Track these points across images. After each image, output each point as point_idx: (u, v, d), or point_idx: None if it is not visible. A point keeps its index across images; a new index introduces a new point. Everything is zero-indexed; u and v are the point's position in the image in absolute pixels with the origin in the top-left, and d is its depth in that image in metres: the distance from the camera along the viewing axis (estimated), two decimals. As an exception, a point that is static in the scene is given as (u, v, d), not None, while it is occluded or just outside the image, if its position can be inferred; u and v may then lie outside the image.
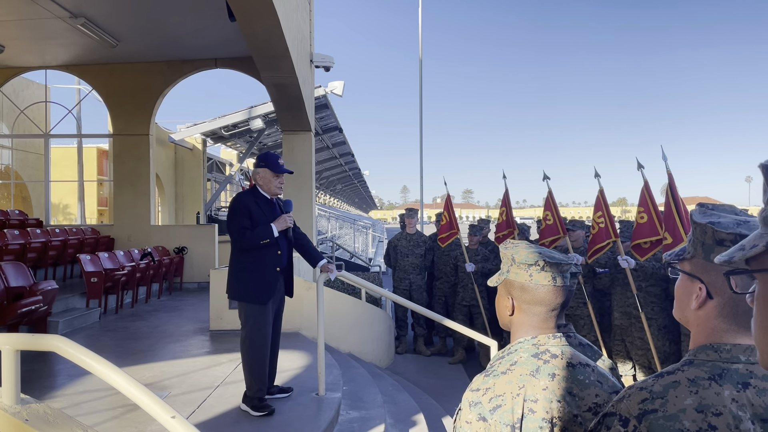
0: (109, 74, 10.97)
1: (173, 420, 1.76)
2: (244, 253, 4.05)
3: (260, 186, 4.17)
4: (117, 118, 11.07)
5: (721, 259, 0.76)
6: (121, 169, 11.03)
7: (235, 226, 4.02)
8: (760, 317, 0.73)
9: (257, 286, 4.05)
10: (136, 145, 10.98)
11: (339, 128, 17.69)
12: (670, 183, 5.30)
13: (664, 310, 5.77)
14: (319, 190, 32.70)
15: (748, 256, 0.72)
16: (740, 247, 0.74)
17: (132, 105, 10.99)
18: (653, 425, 1.02)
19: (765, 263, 0.71)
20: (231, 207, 4.14)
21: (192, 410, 4.05)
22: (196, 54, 10.63)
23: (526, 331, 1.53)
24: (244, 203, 4.08)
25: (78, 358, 1.83)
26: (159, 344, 6.07)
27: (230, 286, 4.11)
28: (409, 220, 8.48)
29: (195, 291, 10.20)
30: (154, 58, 10.81)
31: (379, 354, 7.22)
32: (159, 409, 1.78)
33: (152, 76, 10.99)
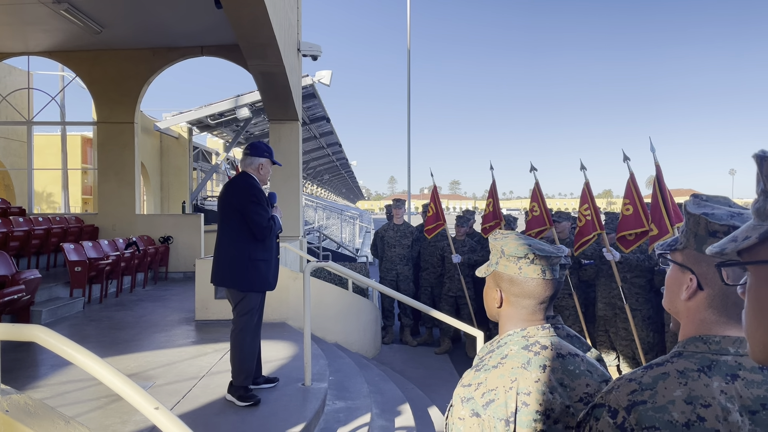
0: (93, 61, 10.81)
1: (157, 411, 1.73)
2: (257, 242, 4.01)
3: (259, 175, 4.14)
4: (101, 106, 10.92)
5: (713, 250, 0.75)
6: (105, 158, 10.90)
7: (263, 215, 3.97)
8: (751, 309, 0.73)
9: (267, 274, 4.07)
10: (121, 134, 10.85)
11: (326, 118, 17.60)
12: (658, 174, 5.32)
13: (648, 302, 5.82)
14: (306, 180, 32.59)
15: (740, 247, 0.71)
16: (732, 238, 0.73)
17: (116, 92, 10.84)
18: (642, 416, 1.02)
19: (757, 255, 0.70)
20: (253, 195, 3.98)
21: (177, 400, 4.02)
22: (181, 41, 10.50)
23: (514, 323, 1.52)
24: (262, 192, 4.07)
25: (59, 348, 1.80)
26: (144, 334, 6.03)
27: (234, 277, 4.01)
28: (396, 210, 8.47)
29: (180, 281, 10.13)
30: (139, 45, 10.66)
31: (366, 344, 7.22)
32: (142, 399, 1.75)
33: (137, 64, 10.84)
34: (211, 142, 21.94)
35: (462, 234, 7.99)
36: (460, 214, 8.32)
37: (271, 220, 4.00)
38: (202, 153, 20.14)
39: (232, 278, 4.02)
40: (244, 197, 3.98)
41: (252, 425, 3.65)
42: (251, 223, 3.95)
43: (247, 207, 3.95)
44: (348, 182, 54.26)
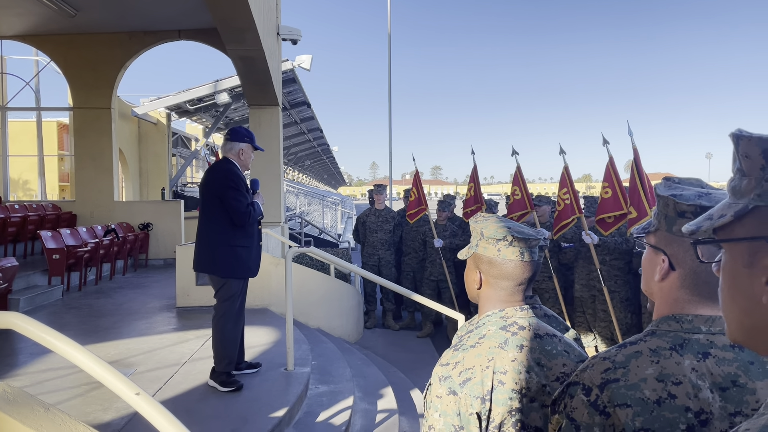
0: (68, 45, 10.58)
1: (137, 397, 1.73)
2: (238, 229, 3.99)
3: (240, 161, 4.10)
4: (77, 91, 10.72)
5: (689, 228, 0.76)
6: (82, 144, 10.72)
7: (242, 201, 3.94)
8: (726, 287, 0.74)
9: (248, 261, 4.05)
10: (98, 119, 10.66)
11: (307, 103, 17.48)
12: (636, 158, 5.38)
13: (626, 283, 5.90)
14: (287, 166, 32.41)
15: (715, 225, 0.72)
16: (708, 216, 0.74)
17: (92, 77, 10.63)
18: (614, 394, 1.04)
19: (732, 233, 0.71)
20: (231, 181, 3.95)
21: (158, 387, 4.01)
22: (158, 25, 10.32)
23: (493, 304, 1.54)
24: (242, 178, 4.03)
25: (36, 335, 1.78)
26: (124, 321, 5.98)
27: (214, 263, 4.00)
28: (378, 196, 8.48)
29: (161, 268, 10.05)
30: (115, 29, 10.46)
31: (348, 329, 7.25)
32: (123, 386, 1.75)
33: (113, 48, 10.64)
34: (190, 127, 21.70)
35: (443, 218, 8.02)
36: (441, 199, 8.36)
37: (250, 206, 3.97)
38: (182, 139, 19.92)
39: (212, 264, 4.01)
40: (222, 183, 3.96)
41: (235, 410, 3.65)
42: (229, 209, 3.92)
43: (225, 193, 3.92)
44: (329, 168, 54.08)
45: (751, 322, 0.71)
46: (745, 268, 0.70)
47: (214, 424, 3.46)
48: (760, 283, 0.68)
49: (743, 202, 0.69)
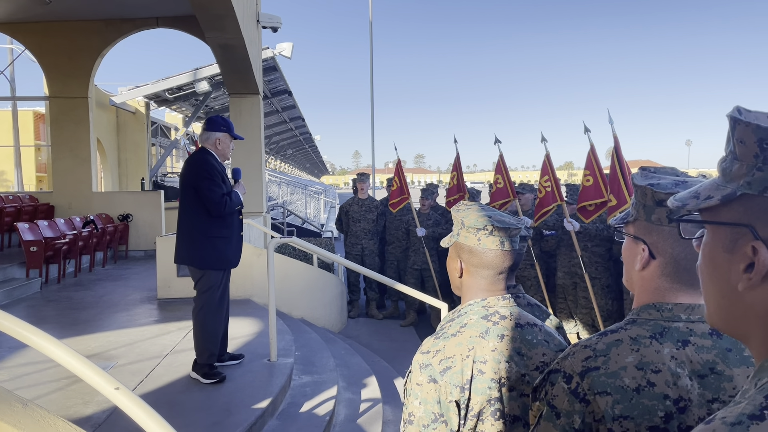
0: (43, 33, 10.36)
1: (117, 391, 1.70)
2: (215, 219, 3.94)
3: (217, 150, 4.05)
4: (53, 80, 10.51)
5: (674, 203, 0.76)
6: (59, 134, 10.53)
7: (216, 191, 3.88)
8: (705, 267, 0.74)
9: (227, 251, 4.00)
10: (75, 109, 10.48)
11: (288, 91, 17.34)
12: (616, 146, 5.42)
13: (607, 270, 5.96)
14: (269, 155, 32.20)
15: (701, 206, 0.72)
16: (695, 194, 0.74)
17: (69, 66, 10.44)
18: (595, 382, 1.04)
19: (717, 216, 0.71)
20: (205, 171, 3.91)
21: (140, 380, 3.98)
22: (136, 12, 10.14)
23: (475, 293, 1.54)
24: (217, 168, 3.97)
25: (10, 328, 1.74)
26: (104, 314, 5.92)
27: (191, 255, 3.97)
28: (361, 185, 8.45)
29: (141, 259, 9.94)
30: (91, 16, 10.25)
31: (332, 319, 7.24)
32: (101, 380, 1.72)
33: (89, 36, 10.44)
34: (169, 116, 21.43)
35: (427, 207, 8.03)
36: (424, 187, 8.36)
37: (225, 196, 3.90)
38: (161, 128, 19.68)
39: (190, 256, 3.97)
40: (196, 173, 3.93)
41: (217, 402, 3.63)
42: (204, 200, 3.89)
43: (199, 183, 3.89)
44: (312, 157, 53.84)
45: (726, 304, 0.71)
46: (725, 253, 0.70)
47: (196, 416, 3.44)
48: (737, 270, 0.68)
49: (732, 187, 0.69)
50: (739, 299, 0.69)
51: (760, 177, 0.66)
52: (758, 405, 0.61)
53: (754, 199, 0.66)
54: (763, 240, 0.65)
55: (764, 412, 0.60)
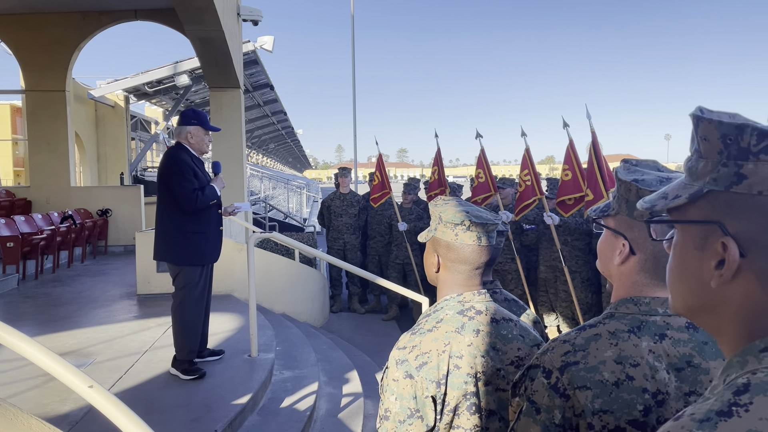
0: (18, 25, 10.15)
1: (91, 389, 1.68)
2: (189, 215, 3.89)
3: (191, 144, 4.00)
4: (29, 73, 10.32)
5: (643, 205, 0.76)
6: (36, 128, 10.35)
7: (186, 187, 3.83)
8: (675, 266, 0.75)
9: (203, 247, 3.95)
10: (52, 102, 10.30)
11: (270, 85, 17.23)
12: (594, 141, 5.46)
13: (587, 264, 6.02)
14: (250, 150, 31.99)
15: (669, 206, 0.72)
16: (663, 195, 0.74)
17: (45, 59, 10.25)
18: (574, 376, 1.05)
19: (686, 215, 0.71)
20: (173, 167, 3.87)
21: (119, 377, 3.94)
22: (114, 4, 9.99)
23: (451, 288, 1.55)
24: (188, 163, 3.91)
25: (-20, 328, 1.72)
26: (83, 310, 5.85)
27: (166, 251, 3.93)
28: (343, 179, 8.43)
29: (121, 254, 9.84)
30: (69, 8, 10.07)
31: (314, 313, 7.23)
32: (75, 378, 1.70)
33: (67, 28, 10.26)
34: (149, 110, 21.19)
35: (409, 202, 8.04)
36: (407, 182, 8.37)
37: (196, 191, 3.84)
38: (141, 122, 19.46)
39: (166, 252, 3.94)
40: (167, 169, 3.90)
41: (197, 398, 3.61)
42: (175, 195, 3.85)
43: (169, 179, 3.86)
44: (294, 151, 53.60)
45: (696, 301, 0.72)
46: (696, 251, 0.70)
47: (176, 412, 3.42)
48: (709, 267, 0.68)
49: (698, 185, 0.69)
50: (711, 296, 0.69)
51: (726, 173, 0.66)
52: (726, 401, 0.61)
53: (721, 195, 0.67)
54: (732, 235, 0.66)
55: (732, 409, 0.60)
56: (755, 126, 0.64)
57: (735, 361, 0.67)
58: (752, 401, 0.60)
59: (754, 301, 0.66)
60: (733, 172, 0.65)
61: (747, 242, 0.65)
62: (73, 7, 10.05)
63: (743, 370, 0.65)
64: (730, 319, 0.68)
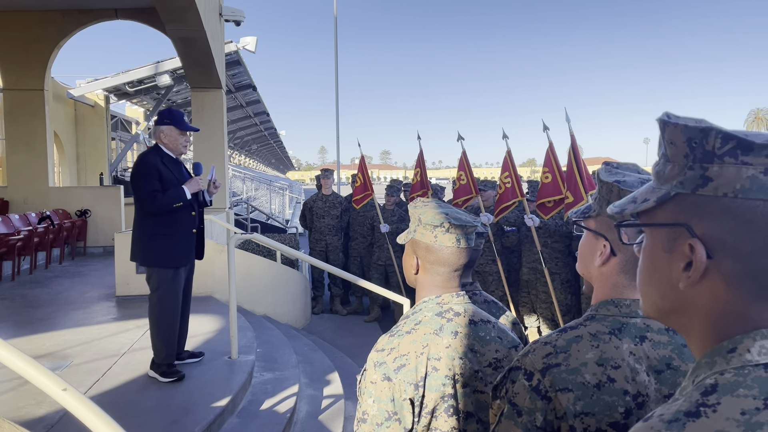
0: (-5, 23, 10.02)
1: (65, 393, 1.66)
2: (155, 216, 3.84)
3: (165, 145, 3.95)
4: (7, 72, 10.17)
5: (613, 210, 0.77)
6: (13, 127, 10.20)
7: (144, 188, 3.78)
8: (645, 269, 0.76)
9: (172, 250, 3.88)
10: (30, 101, 10.16)
11: (253, 86, 17.14)
12: (573, 144, 5.51)
13: (567, 265, 6.06)
14: (233, 151, 31.79)
15: (638, 209, 0.73)
16: (632, 199, 0.75)
17: (24, 57, 10.10)
18: (556, 378, 1.05)
19: (654, 218, 0.72)
20: (137, 168, 3.86)
21: (96, 379, 3.89)
22: (94, 3, 9.87)
23: (430, 290, 1.55)
24: (152, 164, 3.85)
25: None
26: (60, 312, 5.77)
27: (139, 252, 3.89)
28: (325, 181, 8.41)
29: (100, 255, 9.72)
30: (47, 7, 9.94)
31: (295, 315, 7.20)
32: (48, 381, 1.67)
33: (46, 26, 10.12)
34: (130, 110, 20.96)
35: (392, 203, 8.05)
36: (390, 184, 8.37)
37: (155, 193, 3.77)
38: (121, 122, 19.26)
39: (137, 253, 3.91)
40: (132, 170, 3.91)
41: (176, 401, 3.58)
42: (135, 196, 3.85)
43: (132, 180, 3.86)
44: (277, 152, 53.36)
45: (666, 304, 0.72)
46: (665, 253, 0.71)
47: (154, 415, 3.38)
48: (677, 269, 0.69)
49: (666, 188, 0.70)
50: (680, 298, 0.70)
51: (692, 176, 0.67)
52: (694, 402, 0.62)
53: (688, 198, 0.68)
54: (699, 237, 0.66)
55: (700, 410, 0.61)
56: (719, 129, 0.65)
57: (703, 362, 0.67)
58: (720, 402, 0.61)
59: (722, 302, 0.66)
60: (699, 174, 0.66)
61: (714, 244, 0.66)
62: (53, 6, 9.92)
63: (711, 371, 0.66)
64: (699, 321, 0.69)
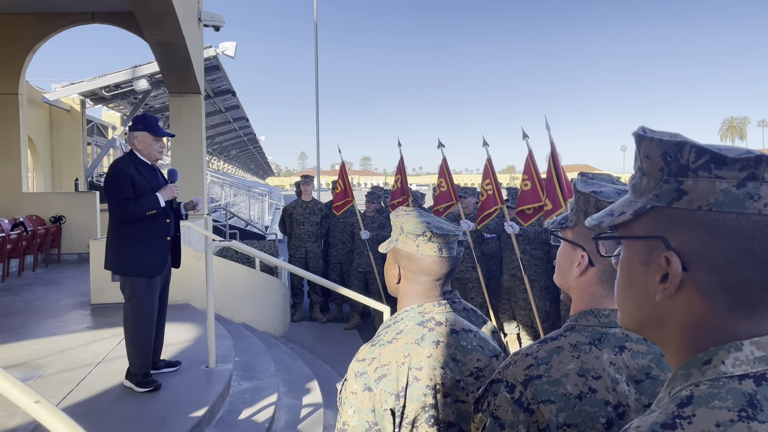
0: (-32, 25, 9.83)
1: (37, 405, 1.62)
2: (129, 224, 3.78)
3: (139, 151, 3.90)
4: (-20, 75, 9.98)
5: (591, 222, 0.78)
6: (-14, 132, 10.00)
7: (115, 196, 3.73)
8: (622, 281, 0.76)
9: (146, 258, 3.81)
10: (4, 106, 9.97)
11: (232, 91, 17.03)
12: (552, 152, 5.55)
13: (546, 272, 6.10)
14: (211, 156, 31.55)
15: (615, 222, 0.73)
16: (609, 212, 0.75)
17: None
18: (538, 390, 1.04)
19: (631, 231, 0.73)
20: (109, 176, 3.81)
21: (70, 389, 3.81)
22: (70, 7, 9.74)
23: (412, 299, 1.54)
24: (125, 171, 3.79)
25: None
26: (33, 320, 5.65)
27: (113, 261, 3.83)
28: (305, 187, 8.38)
29: (75, 262, 9.56)
30: (21, 10, 9.78)
31: (274, 323, 7.14)
32: (19, 393, 1.62)
33: (20, 30, 9.95)
34: (106, 115, 20.69)
35: (372, 210, 8.04)
36: (370, 190, 8.36)
37: (126, 200, 3.72)
38: (97, 127, 19.00)
39: (111, 262, 3.85)
40: (105, 177, 3.87)
41: (152, 411, 3.52)
42: (107, 204, 3.81)
43: (105, 188, 3.83)
44: (256, 158, 53.09)
45: (643, 316, 0.73)
46: (641, 266, 0.72)
47: (129, 426, 3.32)
48: (654, 281, 0.70)
49: (642, 202, 0.71)
50: (657, 310, 0.70)
51: (667, 189, 0.68)
52: (670, 414, 0.63)
53: (663, 211, 0.68)
54: (675, 250, 0.67)
55: (676, 421, 0.61)
56: (693, 144, 0.66)
57: (679, 373, 0.68)
58: (695, 413, 0.61)
59: (697, 314, 0.67)
60: (674, 188, 0.67)
61: (689, 256, 0.66)
62: (28, 9, 9.77)
63: (687, 383, 0.66)
64: (675, 332, 0.70)
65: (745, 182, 0.63)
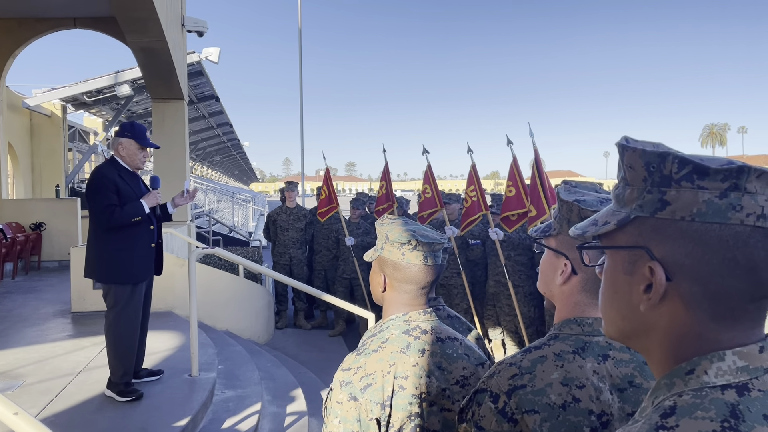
0: (-54, 29, 9.69)
1: (16, 417, 1.58)
2: (112, 231, 3.74)
3: (122, 158, 3.86)
4: (-42, 80, 9.85)
5: (575, 232, 0.78)
6: (-36, 137, 9.86)
7: (100, 202, 3.68)
8: (606, 290, 0.76)
9: (130, 265, 3.77)
10: (-17, 111, 9.86)
11: (215, 97, 16.94)
12: (536, 158, 5.59)
13: (530, 278, 6.12)
14: (195, 162, 31.34)
15: (599, 232, 0.74)
16: (593, 221, 0.76)
17: (-24, 65, 9.81)
18: (522, 400, 1.04)
19: (614, 241, 0.73)
20: (93, 182, 3.75)
21: (50, 399, 3.75)
22: (51, 11, 9.64)
23: (397, 307, 1.54)
24: (109, 177, 3.76)
25: None
26: (12, 329, 5.55)
27: (95, 268, 3.77)
28: (289, 193, 8.35)
29: (56, 270, 9.42)
30: (2, 14, 9.66)
31: (258, 330, 7.09)
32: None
33: (0, 35, 9.84)
34: (88, 121, 20.46)
35: (357, 216, 8.03)
36: (355, 197, 8.35)
37: (111, 207, 3.68)
38: (79, 132, 18.79)
39: (93, 270, 3.79)
40: (87, 184, 3.82)
41: (134, 421, 3.47)
42: (91, 210, 3.76)
43: (87, 194, 3.77)
44: (240, 164, 52.82)
45: (627, 326, 0.73)
46: (625, 275, 0.72)
47: (110, 437, 3.27)
48: (638, 291, 0.70)
49: (626, 212, 0.71)
50: (641, 320, 0.71)
51: (650, 199, 0.68)
52: (654, 424, 0.63)
53: (647, 221, 0.69)
54: (658, 260, 0.67)
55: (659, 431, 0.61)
56: (676, 154, 0.67)
57: (663, 383, 0.69)
58: (678, 424, 0.61)
59: (681, 323, 0.68)
60: (657, 198, 0.68)
61: (673, 266, 0.67)
62: (8, 13, 9.66)
63: (670, 393, 0.67)
64: (659, 342, 0.70)
65: (727, 193, 0.64)
